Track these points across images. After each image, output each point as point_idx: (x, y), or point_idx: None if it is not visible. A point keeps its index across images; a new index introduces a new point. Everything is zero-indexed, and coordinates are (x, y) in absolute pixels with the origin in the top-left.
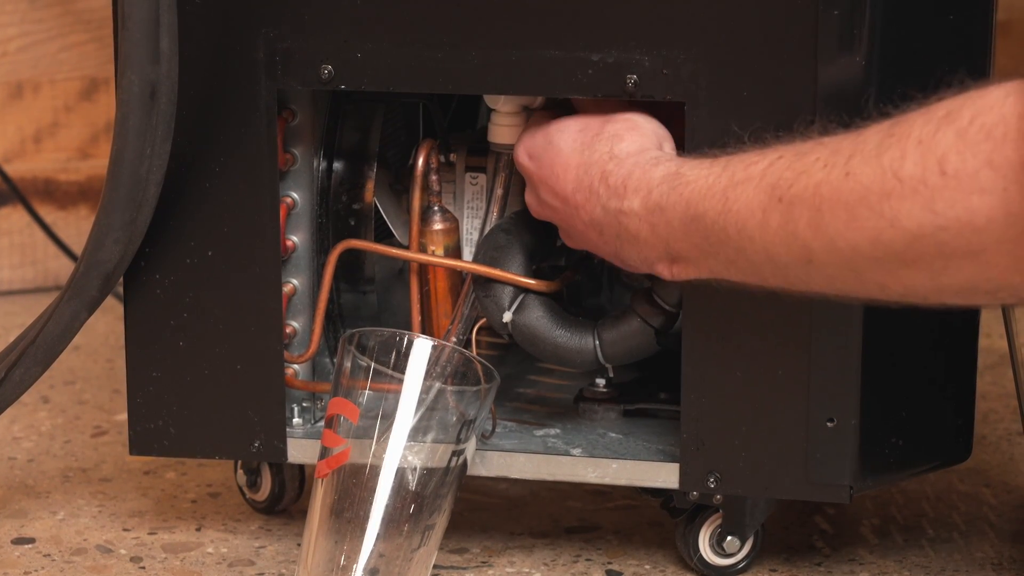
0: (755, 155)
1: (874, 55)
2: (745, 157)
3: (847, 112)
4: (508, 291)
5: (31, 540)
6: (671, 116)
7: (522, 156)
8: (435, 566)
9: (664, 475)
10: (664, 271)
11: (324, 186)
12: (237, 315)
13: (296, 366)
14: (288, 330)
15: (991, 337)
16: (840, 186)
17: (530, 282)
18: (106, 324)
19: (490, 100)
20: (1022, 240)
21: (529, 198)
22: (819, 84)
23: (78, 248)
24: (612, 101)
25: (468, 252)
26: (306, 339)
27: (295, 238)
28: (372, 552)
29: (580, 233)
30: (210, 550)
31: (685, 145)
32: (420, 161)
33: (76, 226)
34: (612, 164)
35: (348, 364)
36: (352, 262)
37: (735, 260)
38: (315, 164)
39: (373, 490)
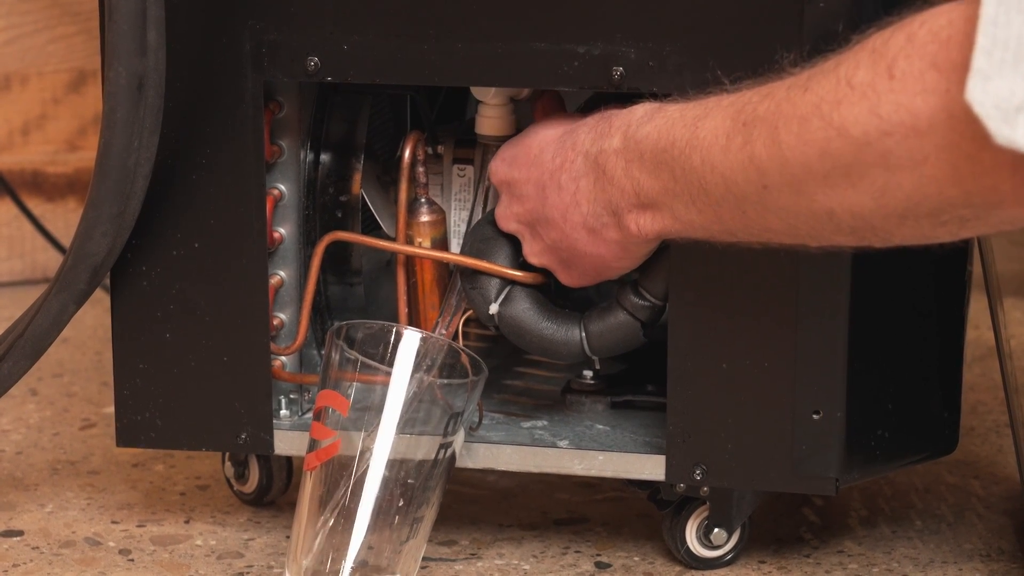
0: (731, 90)
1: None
2: (721, 93)
3: None
4: (495, 283)
5: (19, 533)
6: None
7: (499, 165)
8: (424, 558)
9: (651, 467)
10: (632, 223)
11: (311, 178)
12: (224, 307)
13: (283, 358)
14: (275, 322)
15: (979, 329)
16: (798, 100)
17: (517, 274)
18: (94, 317)
19: (478, 92)
20: (961, 147)
21: (499, 209)
22: None
23: (66, 240)
24: None
25: (456, 244)
26: (293, 331)
27: (282, 230)
28: (361, 544)
29: (552, 207)
30: (199, 542)
31: None
32: (407, 153)
33: (64, 218)
34: (602, 118)
35: (336, 357)
36: (339, 254)
37: (697, 198)
38: (302, 156)
39: (362, 483)
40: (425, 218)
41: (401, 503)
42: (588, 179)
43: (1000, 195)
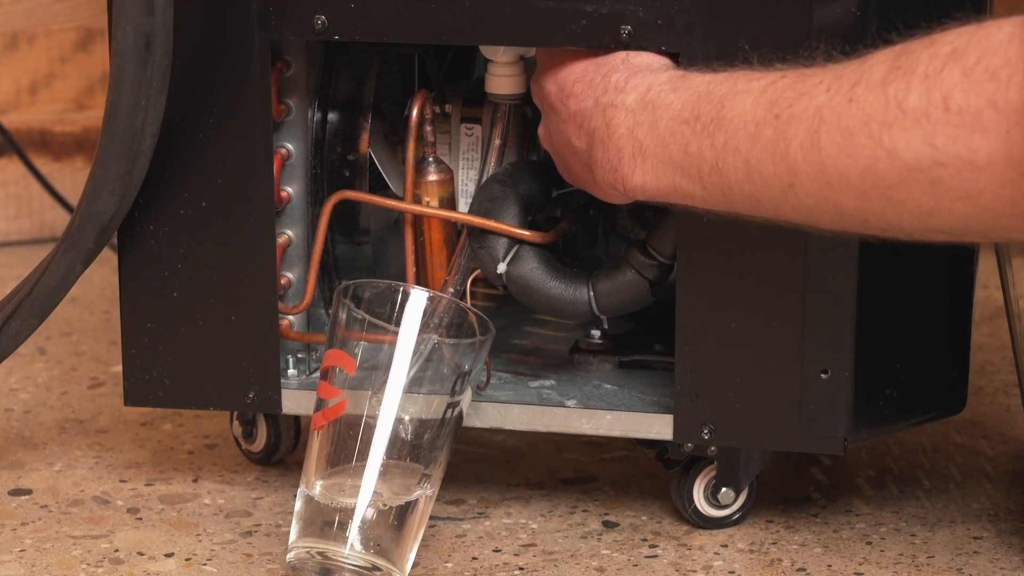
0: (760, 72)
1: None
2: (749, 72)
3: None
4: (503, 242)
5: (28, 491)
6: None
7: (543, 53)
8: (432, 517)
9: (658, 426)
10: (620, 182)
11: (319, 137)
12: (231, 266)
13: (291, 317)
14: (283, 281)
15: (988, 288)
16: (842, 111)
17: (525, 233)
18: (102, 276)
19: (487, 51)
20: (1020, 185)
21: (533, 83)
22: (815, 35)
23: (74, 199)
24: None
25: (464, 204)
26: (301, 290)
27: (290, 189)
28: (369, 503)
29: (560, 123)
30: (207, 501)
31: None
32: (415, 112)
33: (72, 177)
34: (623, 66)
35: (343, 316)
36: (347, 213)
37: (707, 175)
38: (310, 115)
39: (369, 442)
40: (433, 177)
41: (408, 462)
42: (589, 123)
43: None
